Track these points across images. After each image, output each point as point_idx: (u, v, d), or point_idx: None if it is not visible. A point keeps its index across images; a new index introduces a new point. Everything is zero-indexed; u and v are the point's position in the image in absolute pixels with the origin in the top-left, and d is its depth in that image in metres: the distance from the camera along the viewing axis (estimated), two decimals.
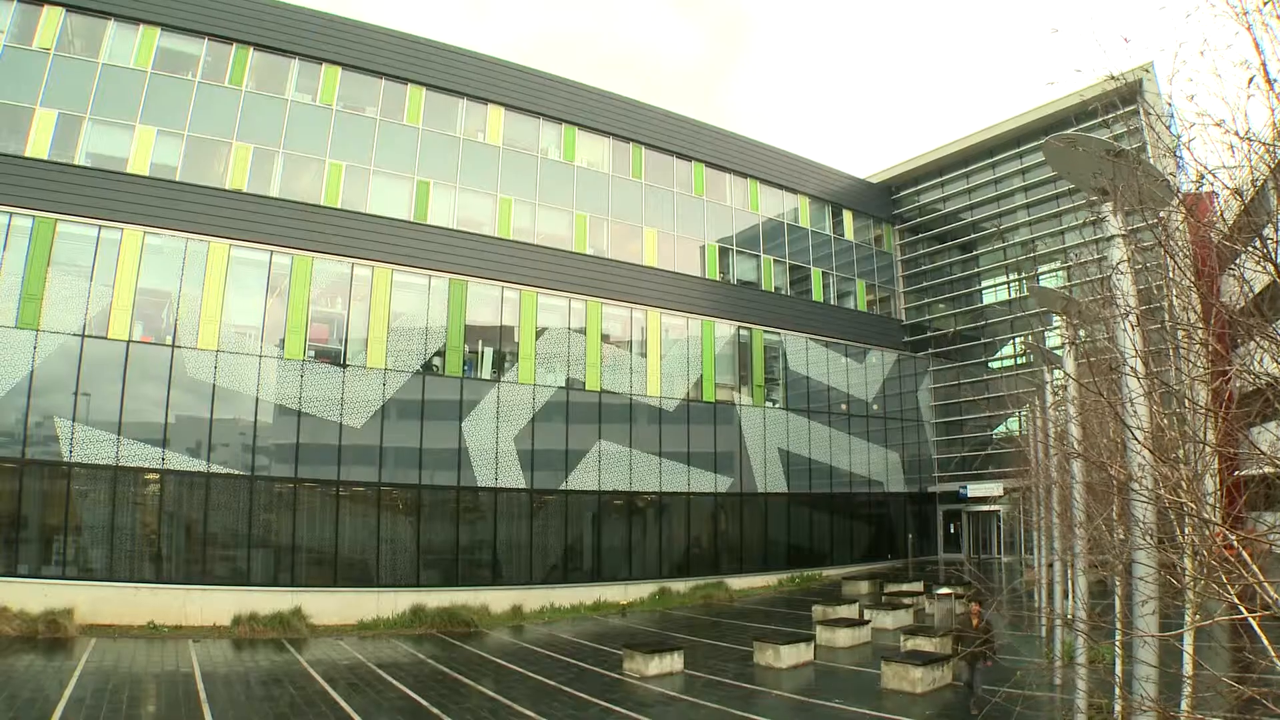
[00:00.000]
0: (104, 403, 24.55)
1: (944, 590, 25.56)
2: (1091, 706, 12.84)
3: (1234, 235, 5.77)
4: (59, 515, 24.05)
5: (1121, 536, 12.24)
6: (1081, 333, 13.03)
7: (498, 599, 28.92)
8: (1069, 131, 7.68)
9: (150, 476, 25.17)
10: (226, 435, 26.26)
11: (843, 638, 22.61)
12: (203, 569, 25.32)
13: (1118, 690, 14.02)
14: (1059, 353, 18.69)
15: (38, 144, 24.86)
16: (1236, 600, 4.91)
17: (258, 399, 26.65)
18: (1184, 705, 6.47)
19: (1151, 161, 6.89)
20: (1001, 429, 44.93)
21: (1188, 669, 7.39)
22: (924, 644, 20.37)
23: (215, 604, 24.65)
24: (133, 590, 23.91)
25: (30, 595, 22.25)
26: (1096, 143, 7.13)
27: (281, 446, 27.04)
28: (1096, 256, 29.20)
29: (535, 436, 31.30)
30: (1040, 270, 43.59)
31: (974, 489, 44.00)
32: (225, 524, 25.92)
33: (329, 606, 26.07)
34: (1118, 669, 13.83)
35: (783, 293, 41.05)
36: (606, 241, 35.12)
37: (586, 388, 33.04)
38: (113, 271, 25.20)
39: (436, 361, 29.97)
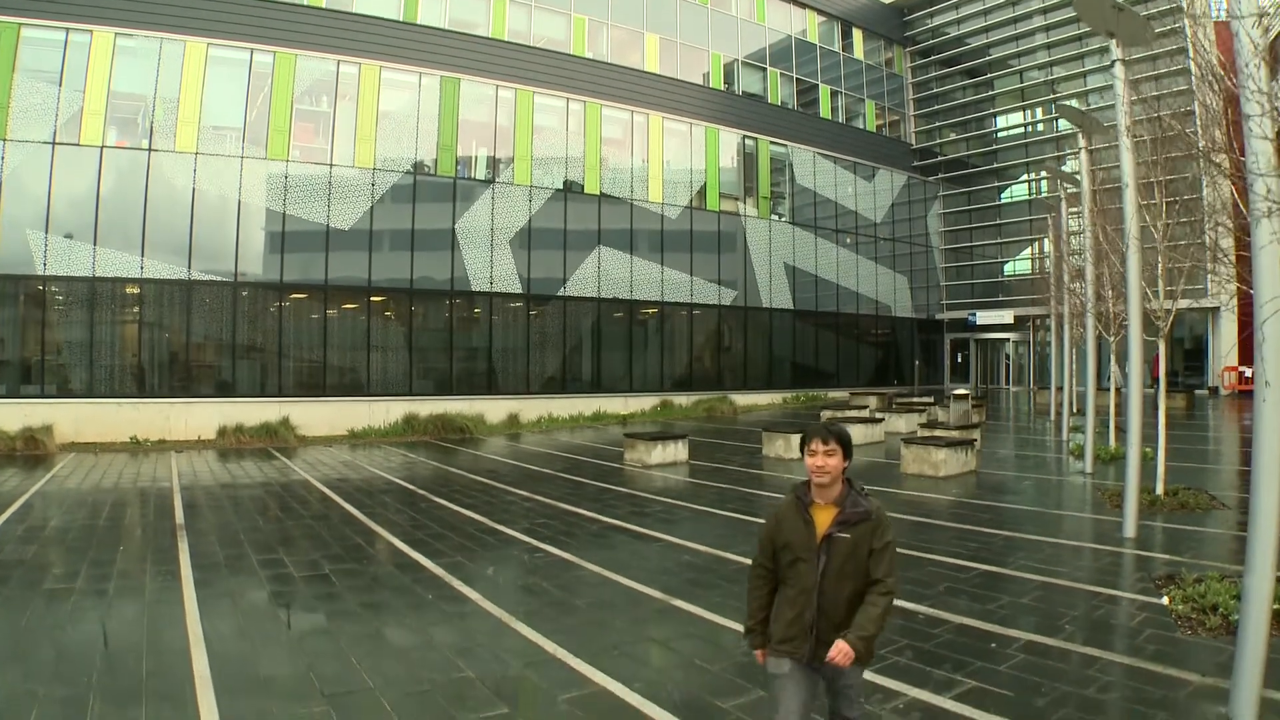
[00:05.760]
0: (78, 212, 23.05)
1: (960, 391, 24.62)
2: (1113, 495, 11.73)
3: None
4: (35, 331, 23.01)
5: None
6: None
7: (493, 408, 28.18)
8: None
9: (130, 289, 23.92)
10: (208, 240, 24.70)
11: (856, 434, 21.68)
12: (186, 381, 24.49)
13: (1160, 469, 13.13)
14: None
15: None
16: None
17: (240, 202, 25.02)
18: None
19: None
20: (1011, 266, 44.10)
21: None
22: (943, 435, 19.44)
23: (200, 417, 23.82)
24: (115, 406, 23.06)
25: (8, 414, 21.45)
26: None
27: (266, 251, 25.68)
28: None
29: (532, 240, 29.90)
30: (1056, 96, 41.66)
31: (983, 316, 43.23)
32: (209, 334, 24.89)
33: (318, 416, 25.22)
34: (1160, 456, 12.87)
35: (790, 108, 39.07)
36: (606, 46, 33.09)
37: (585, 191, 31.51)
38: (83, 75, 23.25)
39: (428, 162, 28.22)
